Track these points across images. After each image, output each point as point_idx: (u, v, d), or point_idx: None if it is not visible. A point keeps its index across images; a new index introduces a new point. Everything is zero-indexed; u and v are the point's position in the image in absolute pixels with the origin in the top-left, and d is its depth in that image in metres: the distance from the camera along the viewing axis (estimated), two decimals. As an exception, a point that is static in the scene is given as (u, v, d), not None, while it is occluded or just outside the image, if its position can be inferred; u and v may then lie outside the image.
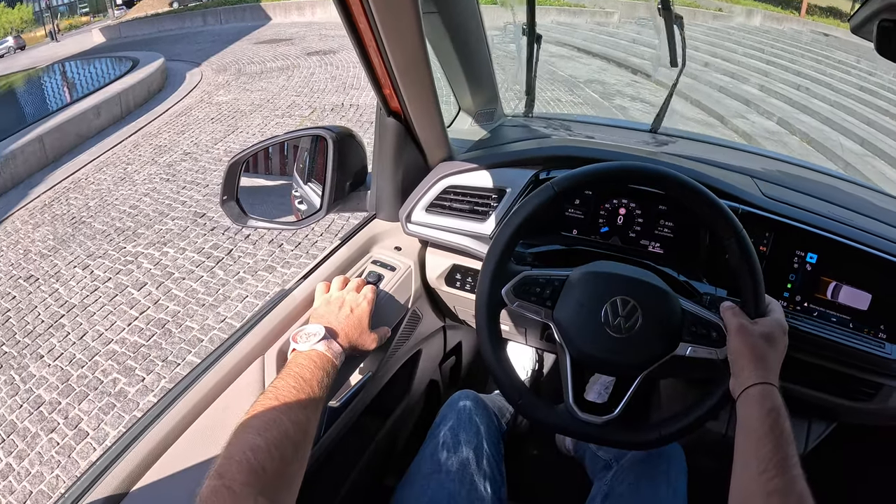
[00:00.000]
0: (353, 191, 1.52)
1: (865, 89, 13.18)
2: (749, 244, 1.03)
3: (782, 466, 0.82)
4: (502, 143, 1.57)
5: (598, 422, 1.06)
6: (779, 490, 0.79)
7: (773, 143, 9.55)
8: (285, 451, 0.84)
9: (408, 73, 1.16)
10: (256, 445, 0.81)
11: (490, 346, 1.09)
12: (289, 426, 0.88)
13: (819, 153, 9.57)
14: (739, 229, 1.03)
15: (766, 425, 0.88)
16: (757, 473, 0.83)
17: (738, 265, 1.03)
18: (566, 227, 1.42)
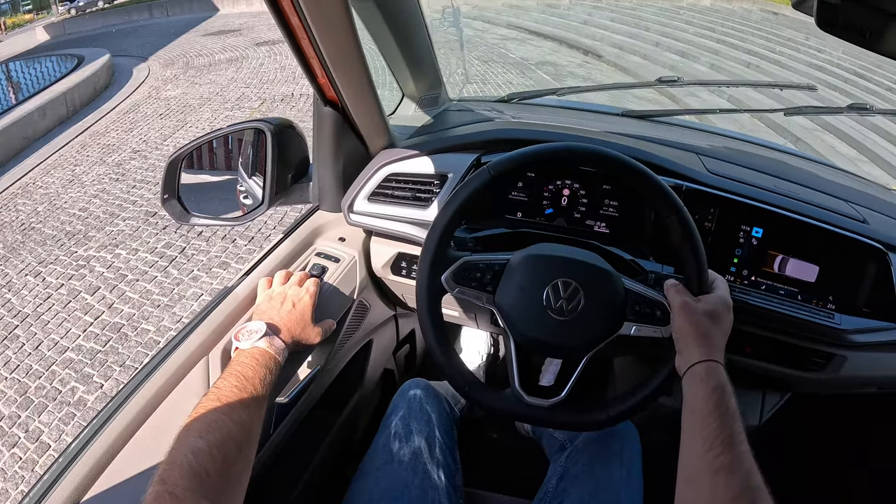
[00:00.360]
0: (295, 183, 1.52)
1: (814, 65, 13.45)
2: (690, 221, 1.04)
3: (728, 444, 0.82)
4: (446, 127, 1.57)
5: (545, 405, 1.06)
6: (725, 467, 0.79)
7: (724, 120, 9.69)
8: (228, 452, 0.84)
9: (341, 62, 1.15)
10: (198, 448, 0.80)
11: (433, 334, 1.09)
12: (231, 426, 0.87)
13: (770, 129, 9.75)
14: (680, 206, 1.03)
15: (711, 403, 0.88)
16: (703, 451, 0.83)
17: (679, 242, 1.04)
18: (510, 210, 1.42)
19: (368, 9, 1.34)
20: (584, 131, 1.58)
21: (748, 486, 0.77)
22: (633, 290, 1.07)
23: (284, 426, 1.28)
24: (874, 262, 1.34)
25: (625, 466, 1.27)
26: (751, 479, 0.78)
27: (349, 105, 1.28)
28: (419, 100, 1.77)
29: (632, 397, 1.06)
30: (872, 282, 1.34)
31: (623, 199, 1.39)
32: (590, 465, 1.27)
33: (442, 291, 1.08)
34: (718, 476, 0.79)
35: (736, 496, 0.75)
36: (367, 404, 1.78)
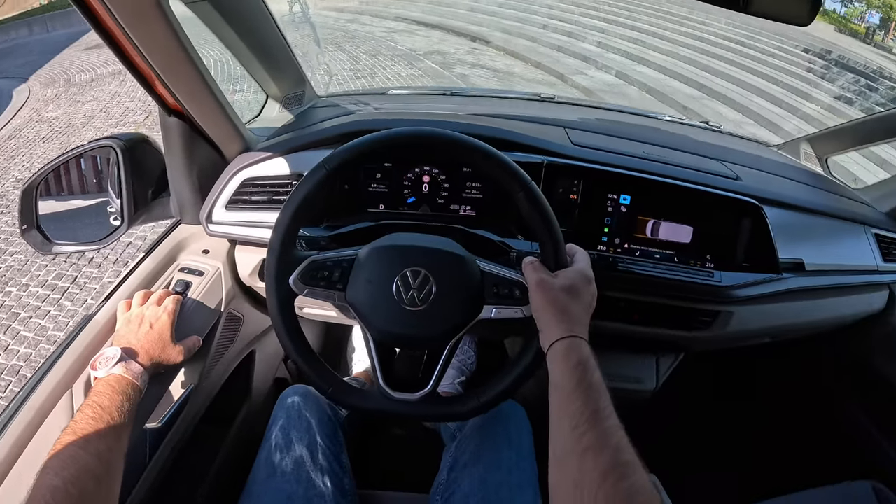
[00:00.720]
0: (156, 198, 1.43)
1: (700, 38, 14.05)
2: (538, 195, 1.01)
3: (594, 420, 0.79)
4: (306, 125, 1.51)
5: (413, 399, 1.03)
6: (592, 446, 0.76)
7: (613, 95, 9.99)
8: (85, 486, 0.80)
9: (173, 70, 1.09)
10: (55, 486, 0.78)
11: (288, 338, 1.04)
12: (88, 460, 0.84)
13: (658, 101, 10.09)
14: (525, 181, 1.00)
15: (574, 380, 0.85)
16: (570, 430, 0.80)
17: (530, 218, 1.01)
18: (372, 203, 1.39)
19: (204, 11, 1.26)
20: (447, 115, 1.55)
21: (617, 461, 0.73)
22: (490, 271, 1.05)
23: (164, 451, 1.21)
24: (749, 216, 1.37)
25: (513, 447, 1.25)
26: (619, 455, 0.74)
27: (193, 112, 1.21)
28: (283, 99, 1.71)
29: (501, 381, 1.04)
30: (749, 236, 1.38)
31: (486, 180, 1.37)
32: (477, 451, 1.25)
33: (292, 294, 1.04)
34: (586, 455, 0.76)
35: (604, 473, 0.72)
36: (259, 417, 1.72)
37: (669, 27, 15.02)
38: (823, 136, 1.99)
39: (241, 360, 1.59)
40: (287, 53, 1.59)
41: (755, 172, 1.60)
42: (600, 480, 0.72)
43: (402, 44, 12.62)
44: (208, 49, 5.22)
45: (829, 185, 1.78)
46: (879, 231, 1.61)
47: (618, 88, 10.56)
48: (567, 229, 1.33)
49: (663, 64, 12.00)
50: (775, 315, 1.50)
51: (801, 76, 12.36)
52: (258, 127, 1.55)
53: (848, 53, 14.22)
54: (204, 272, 1.40)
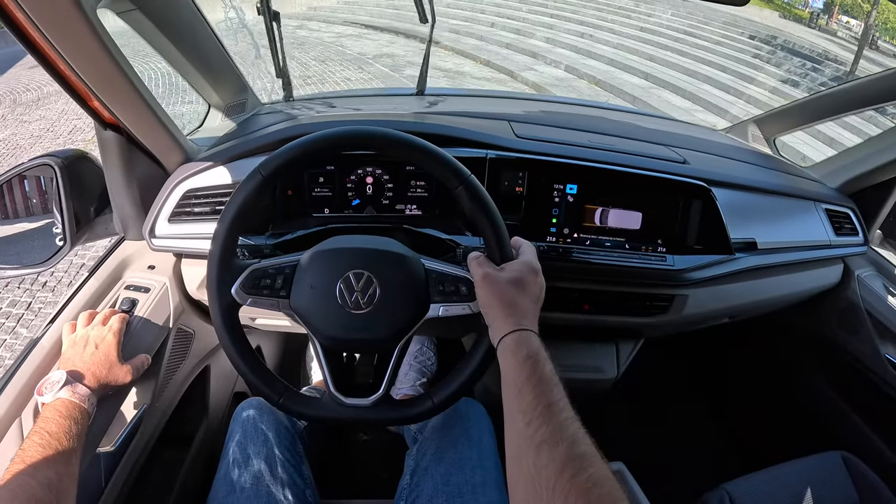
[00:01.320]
0: (98, 215, 1.40)
1: (645, 29, 14.25)
2: (479, 189, 1.00)
3: (547, 414, 0.77)
4: (248, 133, 1.48)
5: (366, 404, 1.02)
6: (547, 440, 0.74)
7: (563, 89, 10.09)
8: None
9: (105, 83, 1.06)
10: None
11: (234, 349, 1.02)
12: (36, 488, 0.82)
13: (608, 93, 10.21)
14: (465, 175, 1.00)
15: (524, 374, 0.83)
16: (524, 425, 0.78)
17: (472, 212, 1.00)
18: (317, 208, 1.37)
19: (136, 20, 1.22)
20: (391, 115, 1.55)
21: (572, 454, 0.72)
22: (435, 269, 1.04)
23: (120, 475, 1.18)
24: (698, 199, 1.38)
25: (474, 446, 1.24)
26: (575, 448, 0.73)
27: (129, 125, 1.18)
28: (225, 108, 1.68)
29: (455, 380, 1.04)
30: (699, 219, 1.39)
31: (430, 178, 1.36)
32: (439, 452, 1.24)
33: (235, 305, 1.02)
34: (541, 449, 0.74)
35: (560, 469, 0.70)
36: (218, 434, 1.69)
37: (617, 20, 15.23)
38: (770, 118, 2.03)
39: (196, 377, 1.56)
40: (226, 61, 1.57)
41: (703, 156, 1.62)
42: (556, 475, 0.70)
43: (352, 48, 12.58)
44: (155, 61, 5.08)
45: (777, 164, 1.82)
46: (830, 206, 1.65)
47: (567, 82, 10.67)
48: (514, 222, 1.34)
49: (612, 56, 12.17)
50: (731, 295, 1.52)
51: (748, 62, 12.61)
52: (201, 137, 1.53)
53: (793, 38, 14.54)
54: (150, 288, 1.37)
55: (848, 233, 1.67)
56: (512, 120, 1.54)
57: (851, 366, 1.76)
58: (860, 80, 1.63)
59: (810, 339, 1.94)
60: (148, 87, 1.15)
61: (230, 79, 1.65)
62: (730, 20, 15.09)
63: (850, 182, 1.70)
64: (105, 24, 0.97)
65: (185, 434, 1.54)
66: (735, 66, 12.13)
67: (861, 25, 17.40)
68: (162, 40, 1.33)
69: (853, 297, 1.71)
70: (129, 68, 1.06)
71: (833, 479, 1.41)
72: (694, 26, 14.72)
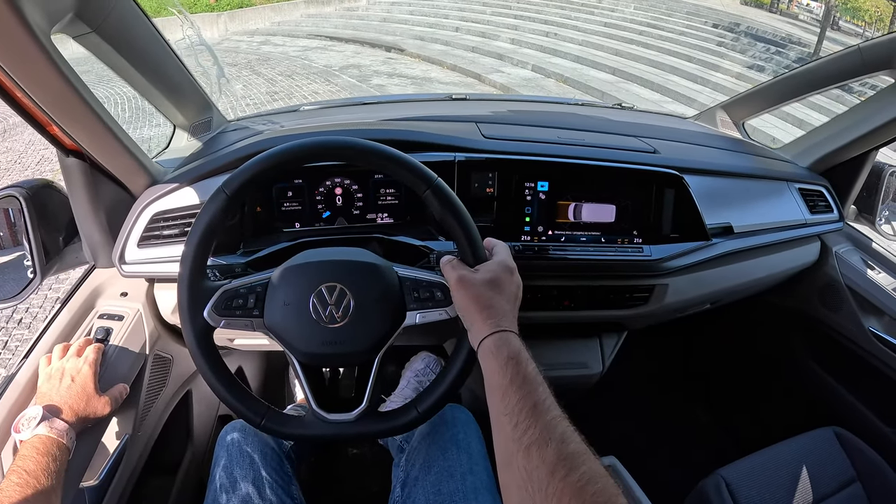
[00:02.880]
0: (68, 244, 1.38)
1: (610, 24, 14.39)
2: (447, 191, 0.99)
3: (533, 415, 0.76)
4: (214, 151, 1.46)
5: (350, 419, 1.02)
6: (535, 441, 0.73)
7: (531, 89, 10.15)
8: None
9: (64, 110, 1.04)
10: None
11: (211, 374, 1.00)
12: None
13: (576, 90, 10.29)
14: (431, 178, 0.99)
15: (507, 376, 0.82)
16: (511, 429, 0.77)
17: (442, 215, 1.00)
18: (287, 223, 1.36)
19: (93, 43, 1.20)
20: (358, 124, 1.54)
21: (563, 454, 0.70)
22: (408, 276, 1.03)
23: None
24: (671, 187, 1.39)
25: (463, 452, 1.23)
26: (564, 447, 0.71)
27: (91, 150, 1.17)
28: (190, 128, 1.66)
29: (437, 387, 1.03)
30: (674, 207, 1.40)
31: (400, 186, 1.36)
32: (427, 462, 1.23)
33: (209, 328, 0.99)
34: (530, 451, 0.72)
35: (552, 470, 0.69)
36: (204, 460, 1.67)
37: (580, 17, 15.34)
38: (737, 102, 2.05)
39: (178, 402, 1.54)
40: (188, 80, 1.55)
41: (673, 144, 1.63)
42: (548, 476, 0.69)
43: (318, 61, 12.55)
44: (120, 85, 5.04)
45: (748, 148, 1.84)
46: (803, 185, 1.67)
47: (535, 82, 10.73)
48: (487, 224, 1.34)
49: (578, 54, 12.26)
50: (711, 281, 1.53)
51: (713, 50, 12.76)
52: (167, 159, 1.51)
53: (756, 24, 14.71)
54: (124, 316, 1.35)
55: (823, 210, 1.69)
56: (478, 121, 1.54)
57: (837, 342, 1.78)
58: (823, 60, 1.65)
59: (794, 319, 1.96)
60: (109, 112, 1.13)
61: (193, 98, 1.64)
62: (692, 10, 15.25)
63: (821, 160, 1.72)
64: (66, 50, 0.96)
65: (171, 462, 1.53)
66: (700, 55, 12.29)
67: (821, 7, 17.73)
68: (121, 62, 1.31)
69: (832, 273, 1.73)
70: (88, 93, 1.05)
71: (828, 455, 1.43)
72: (658, 18, 14.87)
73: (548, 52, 12.63)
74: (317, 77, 11.11)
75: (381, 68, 11.86)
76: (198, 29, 1.77)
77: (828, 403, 1.88)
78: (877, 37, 1.49)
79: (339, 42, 14.72)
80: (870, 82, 6.52)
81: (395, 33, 14.69)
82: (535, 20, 15.26)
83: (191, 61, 1.58)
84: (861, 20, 19.36)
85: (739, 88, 9.19)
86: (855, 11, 19.11)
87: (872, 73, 1.52)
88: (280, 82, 10.80)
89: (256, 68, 12.04)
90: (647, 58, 12.01)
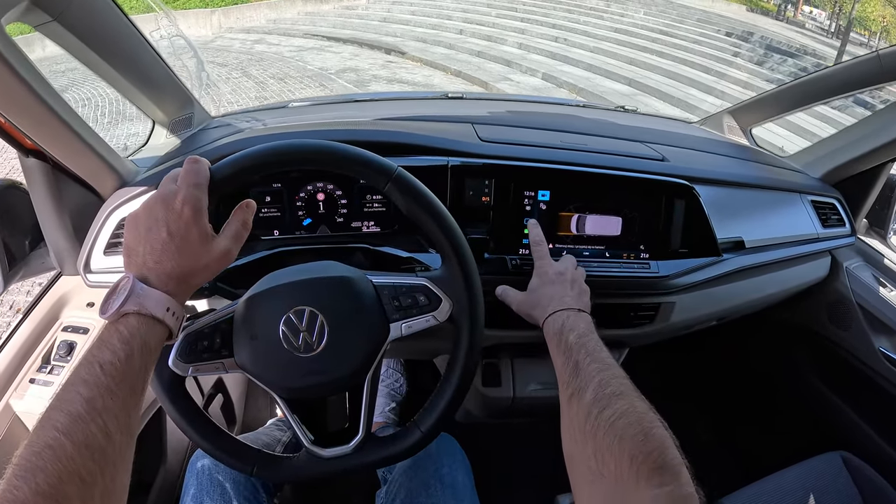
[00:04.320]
0: (35, 249, 1.31)
1: (620, 30, 14.36)
2: (410, 180, 0.92)
3: (575, 371, 0.87)
4: (193, 149, 1.41)
5: (349, 451, 0.95)
6: (575, 392, 0.83)
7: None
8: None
9: (17, 106, 0.97)
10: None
11: (191, 429, 0.93)
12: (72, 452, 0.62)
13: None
14: (391, 169, 0.91)
15: (560, 348, 0.95)
16: (563, 390, 0.87)
17: (408, 209, 0.93)
18: (265, 230, 1.28)
19: (56, 32, 1.13)
20: (347, 123, 1.47)
21: (599, 396, 0.79)
22: (385, 283, 0.96)
23: None
24: (681, 198, 1.33)
25: (447, 488, 1.17)
26: (602, 390, 0.80)
27: (52, 150, 1.10)
28: (170, 124, 1.59)
29: (439, 402, 0.97)
30: (683, 219, 1.34)
31: None
32: (409, 498, 1.17)
33: (178, 378, 0.91)
34: (572, 402, 0.82)
35: (588, 410, 0.78)
36: (178, 481, 1.61)
37: (590, 21, 15.34)
38: (746, 108, 2.00)
39: (150, 420, 1.47)
40: (166, 73, 1.47)
41: (682, 151, 1.58)
42: (585, 418, 0.77)
43: (313, 63, 12.38)
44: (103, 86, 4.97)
45: (757, 156, 1.79)
46: (815, 197, 1.62)
47: (546, 92, 10.59)
48: (482, 235, 1.27)
49: (589, 61, 12.20)
50: (719, 298, 1.48)
51: (729, 61, 12.74)
52: (144, 157, 1.43)
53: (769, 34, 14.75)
54: (89, 329, 1.29)
55: (835, 224, 1.64)
56: (475, 122, 1.47)
57: (845, 360, 1.73)
58: (839, 66, 1.60)
59: (801, 336, 1.91)
60: (71, 108, 1.07)
61: (172, 92, 1.56)
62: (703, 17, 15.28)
63: (834, 171, 1.67)
64: (43, 47, 0.90)
65: (140, 482, 1.47)
66: (718, 66, 12.28)
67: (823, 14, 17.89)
68: (90, 55, 1.24)
69: (843, 289, 1.68)
70: (46, 88, 0.98)
71: (835, 483, 1.38)
72: (669, 25, 14.87)
73: (558, 58, 12.55)
74: (311, 81, 10.95)
75: (381, 73, 11.71)
76: (174, 18, 1.69)
77: (833, 424, 1.84)
78: (887, 46, 1.44)
79: (337, 42, 14.60)
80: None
81: (396, 34, 14.63)
82: (543, 24, 15.25)
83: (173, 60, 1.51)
84: (866, 29, 19.53)
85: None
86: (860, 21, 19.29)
87: (893, 81, 1.48)
88: (271, 86, 10.62)
89: (247, 69, 11.85)
90: (662, 68, 11.97)
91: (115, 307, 0.72)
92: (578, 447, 0.76)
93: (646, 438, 0.70)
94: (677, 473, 0.66)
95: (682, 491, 0.65)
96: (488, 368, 1.44)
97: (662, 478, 0.65)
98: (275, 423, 1.68)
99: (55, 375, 1.24)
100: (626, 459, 0.68)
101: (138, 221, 0.80)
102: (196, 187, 0.80)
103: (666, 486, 0.65)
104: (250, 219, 0.89)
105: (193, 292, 0.83)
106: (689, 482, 0.66)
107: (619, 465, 0.68)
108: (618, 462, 0.69)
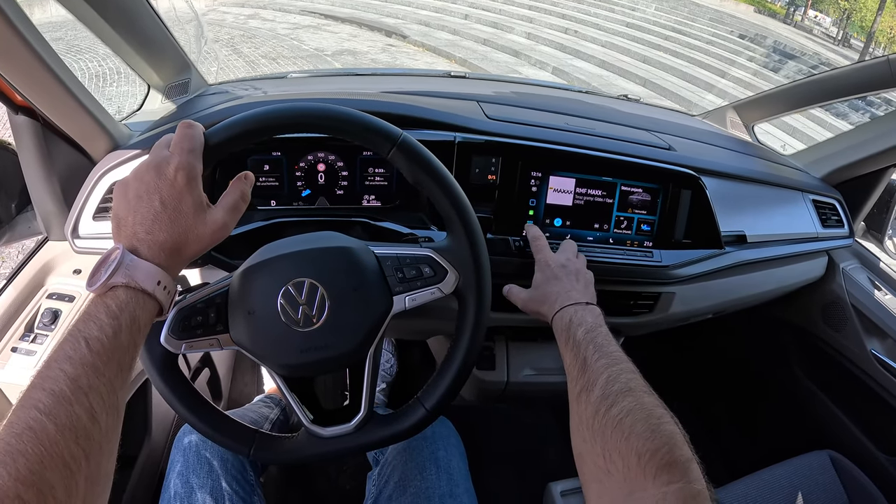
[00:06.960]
0: (21, 212, 1.30)
1: (632, 25, 14.26)
2: (416, 147, 0.89)
3: (583, 369, 0.86)
4: (188, 115, 1.38)
5: (350, 430, 0.92)
6: (583, 389, 0.83)
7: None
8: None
9: (8, 58, 0.95)
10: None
11: (184, 409, 0.90)
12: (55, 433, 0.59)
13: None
14: (396, 135, 0.88)
15: (563, 344, 0.97)
16: (572, 387, 0.87)
17: (414, 176, 0.91)
18: (262, 200, 1.27)
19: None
20: (351, 94, 1.44)
21: (606, 393, 0.79)
22: (388, 254, 0.93)
23: None
24: (687, 188, 1.33)
25: (443, 471, 1.15)
26: (609, 387, 0.80)
27: (44, 108, 1.08)
28: (165, 89, 1.57)
29: (443, 379, 0.94)
30: (688, 209, 1.34)
31: (390, 165, 1.21)
32: (403, 481, 1.15)
33: (170, 356, 0.88)
34: (580, 399, 0.82)
35: (596, 408, 0.78)
36: (162, 456, 1.61)
37: (600, 14, 15.23)
38: (750, 104, 2.01)
39: (136, 392, 1.44)
40: (165, 36, 1.44)
41: (686, 141, 1.58)
42: (593, 415, 0.77)
43: (308, 42, 11.99)
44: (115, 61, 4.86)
45: (759, 152, 1.79)
46: (816, 197, 1.63)
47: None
48: (487, 214, 1.25)
49: (602, 57, 12.04)
50: (718, 291, 1.49)
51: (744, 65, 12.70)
52: (138, 121, 1.41)
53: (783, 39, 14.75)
54: (75, 297, 1.26)
55: (834, 224, 1.66)
56: (480, 100, 1.46)
57: (836, 361, 1.76)
58: (848, 68, 1.62)
59: (793, 334, 1.93)
60: (66, 65, 1.05)
61: (170, 55, 1.54)
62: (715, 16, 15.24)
63: (835, 172, 1.69)
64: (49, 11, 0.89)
65: (127, 455, 1.47)
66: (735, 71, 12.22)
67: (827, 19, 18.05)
68: (86, 10, 1.22)
69: (838, 290, 1.70)
70: (40, 42, 0.96)
71: (822, 481, 1.40)
72: (680, 23, 14.81)
73: (569, 52, 12.36)
74: (304, 62, 10.68)
75: (380, 57, 11.45)
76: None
77: (822, 424, 1.85)
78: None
79: (335, 21, 14.16)
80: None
81: (398, 16, 14.35)
82: (552, 13, 15.10)
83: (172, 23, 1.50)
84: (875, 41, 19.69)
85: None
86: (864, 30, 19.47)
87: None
88: (262, 66, 10.32)
89: (238, 47, 11.45)
90: (678, 69, 11.90)
91: (102, 279, 0.70)
92: (587, 445, 0.75)
93: (653, 435, 0.69)
94: (686, 470, 0.66)
95: (691, 488, 0.64)
96: (483, 351, 1.44)
97: (671, 475, 0.65)
98: (262, 399, 1.67)
99: (38, 344, 1.21)
100: (633, 457, 0.68)
101: (128, 189, 0.77)
102: (190, 153, 0.78)
103: (674, 483, 0.64)
104: (249, 191, 0.86)
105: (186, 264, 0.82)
106: (700, 478, 0.66)
107: (627, 463, 0.68)
108: (625, 460, 0.69)
